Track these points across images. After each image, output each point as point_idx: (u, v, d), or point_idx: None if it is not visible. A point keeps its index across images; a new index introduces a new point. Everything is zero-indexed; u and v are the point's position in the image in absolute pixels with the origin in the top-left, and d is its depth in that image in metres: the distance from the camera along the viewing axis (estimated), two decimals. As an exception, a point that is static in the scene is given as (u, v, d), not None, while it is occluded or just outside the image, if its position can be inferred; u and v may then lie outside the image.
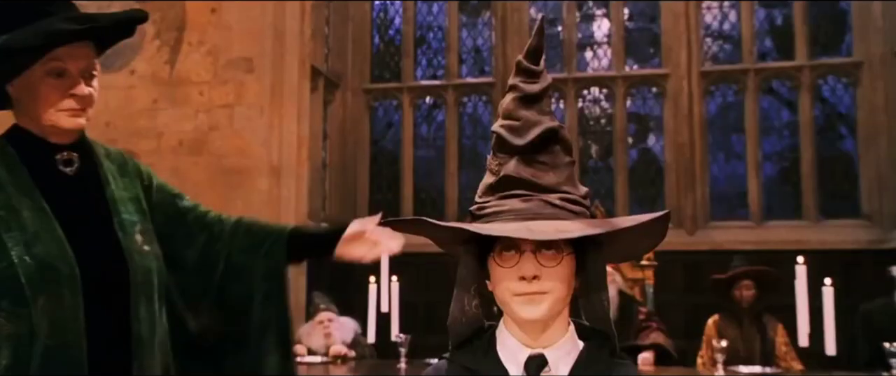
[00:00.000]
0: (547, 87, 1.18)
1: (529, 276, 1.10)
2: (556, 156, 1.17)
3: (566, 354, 1.16)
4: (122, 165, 1.71)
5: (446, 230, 1.16)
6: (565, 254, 1.13)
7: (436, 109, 7.95)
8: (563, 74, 7.60)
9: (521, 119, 1.17)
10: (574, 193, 1.16)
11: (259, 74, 6.12)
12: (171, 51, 6.22)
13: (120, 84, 6.26)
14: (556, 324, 1.16)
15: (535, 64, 1.17)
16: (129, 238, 1.58)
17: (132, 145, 6.13)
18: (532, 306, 1.11)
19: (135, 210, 1.65)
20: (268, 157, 6.07)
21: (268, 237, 1.81)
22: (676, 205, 7.18)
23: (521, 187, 1.13)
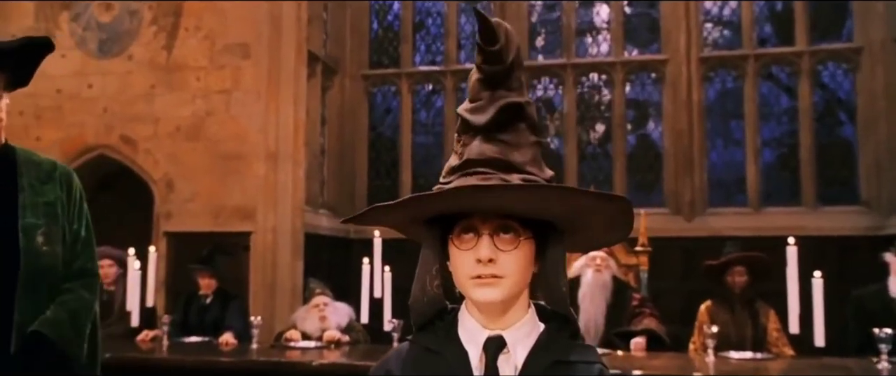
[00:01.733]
0: (510, 65, 1.15)
1: (485, 259, 1.09)
2: (521, 135, 1.15)
3: (525, 336, 1.16)
4: (49, 173, 1.97)
5: (398, 208, 1.15)
6: (523, 239, 1.12)
7: (434, 95, 7.93)
8: (561, 60, 7.58)
9: (483, 98, 1.16)
10: (538, 175, 1.14)
11: (256, 60, 6.13)
12: (168, 36, 6.23)
13: (117, 69, 6.28)
14: (515, 307, 1.16)
15: (491, 44, 1.14)
16: (30, 240, 1.85)
17: (129, 130, 6.17)
18: (488, 289, 1.11)
19: (44, 214, 1.89)
20: (264, 143, 6.09)
21: None
22: (674, 191, 7.17)
23: (482, 166, 1.12)
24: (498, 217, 1.11)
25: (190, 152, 6.14)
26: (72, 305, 1.92)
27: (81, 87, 6.28)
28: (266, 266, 5.99)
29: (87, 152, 6.26)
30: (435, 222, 1.18)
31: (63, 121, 6.25)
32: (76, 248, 1.99)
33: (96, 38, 6.34)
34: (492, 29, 1.14)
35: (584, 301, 4.50)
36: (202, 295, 4.78)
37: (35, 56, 1.92)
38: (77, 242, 1.99)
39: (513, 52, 1.15)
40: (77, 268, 1.99)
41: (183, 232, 6.04)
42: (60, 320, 1.89)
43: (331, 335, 4.29)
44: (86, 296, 1.96)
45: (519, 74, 1.17)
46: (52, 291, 1.90)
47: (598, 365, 1.17)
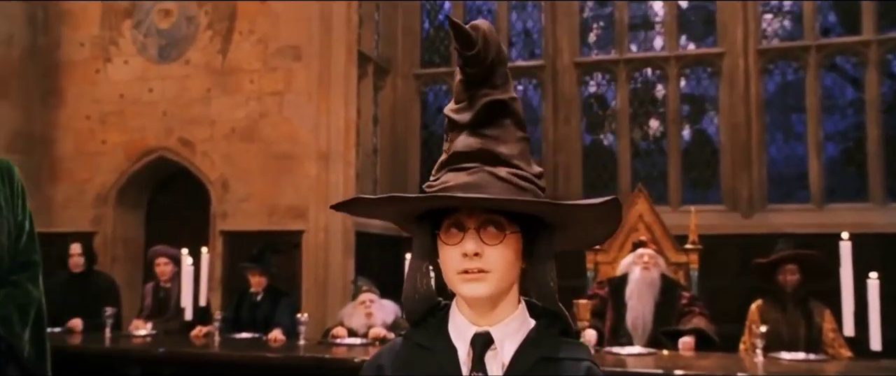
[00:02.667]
0: (491, 64, 1.15)
1: (470, 253, 1.09)
2: (507, 130, 1.15)
3: (514, 332, 1.15)
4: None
5: (381, 203, 1.17)
6: (508, 233, 1.12)
7: (486, 93, 7.91)
8: (613, 56, 7.48)
9: (467, 98, 1.16)
10: (526, 170, 1.14)
11: (307, 62, 6.24)
12: (223, 40, 6.41)
13: (176, 74, 6.49)
14: (504, 303, 1.16)
15: (469, 49, 1.14)
16: None
17: (187, 133, 6.37)
18: (474, 284, 1.11)
19: None
20: (316, 143, 6.20)
21: None
22: (732, 187, 6.99)
23: (469, 160, 1.13)
24: (483, 212, 1.12)
25: (244, 153, 6.30)
26: (20, 300, 1.99)
27: (142, 91, 6.52)
28: (317, 264, 6.10)
29: (148, 154, 6.50)
30: (425, 219, 1.19)
31: (126, 125, 6.50)
32: (22, 240, 2.03)
33: (156, 44, 6.57)
34: (466, 34, 1.14)
35: (632, 299, 4.44)
36: (253, 292, 4.90)
37: None
38: (22, 234, 2.04)
39: (492, 52, 1.15)
40: (23, 260, 2.03)
41: (238, 231, 6.20)
42: (8, 315, 1.96)
43: (376, 332, 4.34)
44: (31, 290, 2.02)
45: (502, 71, 1.17)
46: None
47: (586, 363, 1.16)
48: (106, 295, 4.93)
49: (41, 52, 6.75)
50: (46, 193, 6.63)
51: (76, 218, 6.52)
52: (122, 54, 6.60)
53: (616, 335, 4.43)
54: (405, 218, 1.21)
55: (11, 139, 6.52)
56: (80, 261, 5.06)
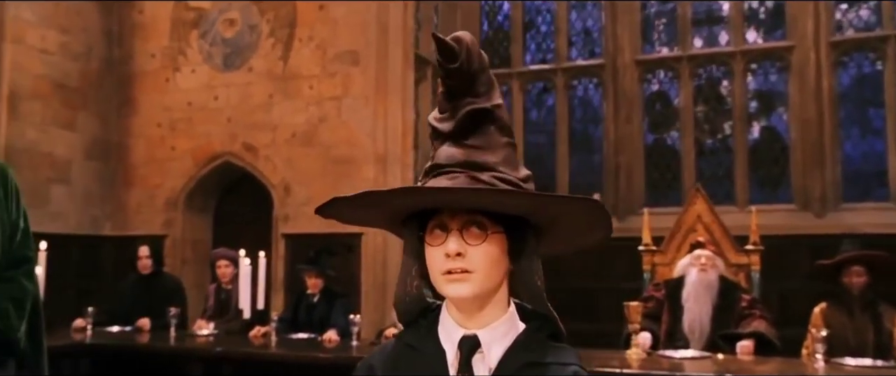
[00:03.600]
0: (473, 75, 1.16)
1: (452, 253, 1.09)
2: (491, 137, 1.15)
3: (502, 336, 1.15)
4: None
5: (357, 201, 1.17)
6: (490, 233, 1.11)
7: (546, 94, 7.87)
8: (676, 53, 7.30)
9: (450, 108, 1.17)
10: (510, 174, 1.14)
11: (364, 66, 6.33)
12: (284, 47, 6.56)
13: (239, 81, 6.69)
14: (491, 305, 1.15)
15: (451, 62, 1.14)
16: None
17: (251, 138, 6.56)
18: (458, 284, 1.10)
19: None
20: (373, 147, 6.27)
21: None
22: (803, 186, 6.72)
23: (452, 168, 1.13)
24: (466, 213, 1.12)
25: (304, 157, 6.44)
26: (15, 294, 2.07)
27: (208, 99, 6.75)
28: (376, 266, 6.18)
29: (214, 159, 6.71)
30: (413, 222, 1.19)
31: (193, 132, 6.74)
32: (16, 237, 2.11)
33: (221, 53, 6.79)
34: (449, 49, 1.14)
35: (688, 301, 4.33)
36: (310, 294, 5.00)
37: None
38: (16, 231, 2.12)
39: (475, 63, 1.16)
40: (17, 256, 2.12)
41: (299, 234, 6.34)
42: (5, 309, 2.04)
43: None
44: (26, 285, 2.11)
45: (485, 79, 1.17)
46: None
47: (574, 368, 1.14)
48: (172, 296, 5.12)
49: (116, 63, 7.07)
50: (121, 198, 6.94)
51: (148, 221, 6.79)
52: (189, 63, 6.85)
53: (672, 338, 4.32)
54: (391, 220, 1.22)
55: (90, 146, 6.85)
56: (148, 263, 5.27)
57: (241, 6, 6.77)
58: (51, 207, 6.40)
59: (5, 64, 6.16)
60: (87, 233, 6.73)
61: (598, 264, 6.78)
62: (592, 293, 6.66)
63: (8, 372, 2.05)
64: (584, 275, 6.89)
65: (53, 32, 6.55)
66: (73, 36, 6.70)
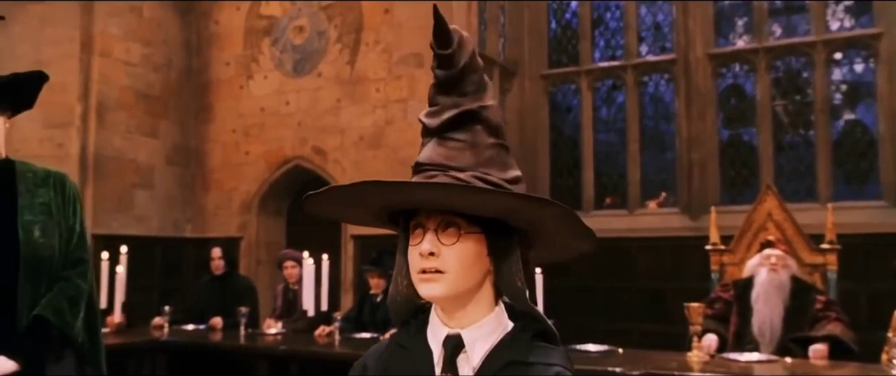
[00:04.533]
0: (462, 70, 1.16)
1: (425, 253, 1.10)
2: (476, 136, 1.15)
3: (487, 335, 1.14)
4: (44, 179, 2.27)
5: (324, 197, 1.18)
6: (463, 233, 1.11)
7: (615, 91, 7.72)
8: (752, 44, 7.03)
9: (439, 104, 1.17)
10: (494, 175, 1.13)
11: (429, 68, 6.35)
12: (351, 52, 6.69)
13: (309, 86, 6.86)
14: (474, 304, 1.15)
15: (443, 47, 1.15)
16: (28, 233, 2.15)
17: (320, 142, 6.71)
18: (431, 284, 1.11)
19: (40, 212, 2.19)
20: (439, 148, 6.30)
21: None
22: (892, 181, 6.34)
23: (433, 167, 1.14)
24: (441, 213, 1.12)
25: (372, 160, 6.55)
26: (69, 292, 2.20)
27: (280, 104, 6.95)
28: (443, 266, 6.20)
29: (285, 163, 6.91)
30: (400, 221, 1.20)
31: (266, 136, 6.96)
32: (72, 241, 2.26)
33: (291, 59, 6.98)
34: (446, 31, 1.15)
35: (758, 302, 4.17)
36: (373, 294, 5.07)
37: (31, 86, 2.28)
38: (73, 235, 2.26)
39: (465, 57, 1.16)
40: (73, 258, 2.25)
41: (367, 235, 6.44)
42: (60, 306, 2.16)
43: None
44: (80, 283, 2.23)
45: (474, 79, 1.18)
46: (50, 278, 2.18)
47: (557, 368, 1.13)
48: (242, 296, 5.30)
49: (194, 73, 7.37)
50: (200, 202, 7.23)
51: (225, 224, 7.06)
52: (261, 70, 7.08)
53: (740, 340, 4.17)
54: (376, 218, 1.23)
55: (171, 153, 7.18)
56: (221, 264, 5.47)
57: (309, 13, 6.95)
58: (135, 211, 6.73)
59: (94, 76, 6.53)
60: (169, 236, 7.05)
61: (672, 264, 6.62)
62: (664, 294, 6.49)
63: (68, 363, 2.18)
64: (656, 276, 6.73)
65: (137, 45, 6.89)
66: (154, 48, 7.04)
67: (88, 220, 6.26)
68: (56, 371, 2.14)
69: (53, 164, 6.44)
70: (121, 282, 4.87)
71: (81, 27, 6.48)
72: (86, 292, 2.22)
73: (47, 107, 6.42)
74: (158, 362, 4.85)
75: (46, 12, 6.51)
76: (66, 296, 2.16)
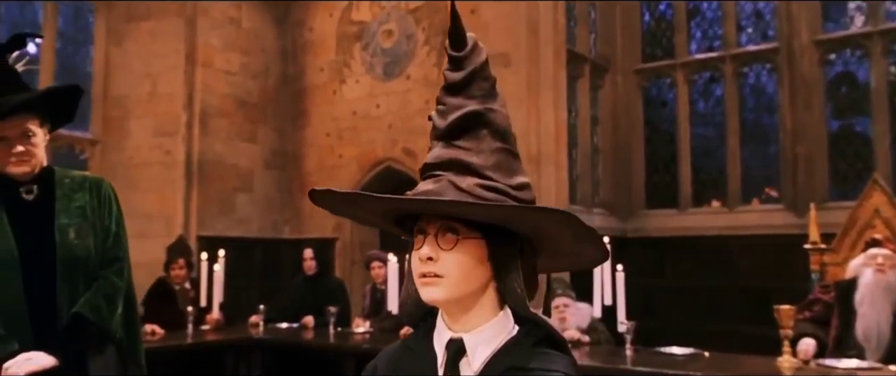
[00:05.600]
0: (472, 72, 1.16)
1: (424, 257, 1.10)
2: (483, 141, 1.14)
3: (489, 340, 1.13)
4: (80, 184, 2.39)
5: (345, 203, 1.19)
6: (462, 238, 1.10)
7: (713, 83, 7.41)
8: (865, 28, 6.58)
9: (447, 105, 1.17)
10: (499, 181, 1.12)
11: (515, 68, 6.34)
12: (438, 54, 6.74)
13: (398, 89, 6.97)
14: (477, 309, 1.14)
15: (458, 49, 1.15)
16: (64, 235, 2.27)
17: (410, 143, 6.81)
18: (429, 288, 1.11)
19: (76, 215, 2.31)
20: (526, 148, 6.25)
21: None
22: None
23: (439, 169, 1.14)
24: (441, 218, 1.12)
25: (460, 160, 6.56)
26: (106, 290, 2.31)
27: (371, 107, 7.09)
28: (531, 266, 6.15)
29: (377, 165, 7.05)
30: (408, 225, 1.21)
31: (358, 139, 7.12)
32: (108, 241, 2.37)
33: (381, 63, 7.11)
34: (461, 32, 1.16)
35: (862, 305, 3.89)
36: (458, 293, 5.08)
37: (68, 99, 2.37)
38: (108, 236, 2.37)
39: (476, 62, 1.17)
40: (110, 257, 2.36)
41: (456, 234, 6.47)
42: (98, 303, 2.27)
43: (571, 335, 4.28)
44: (116, 281, 2.34)
45: (482, 85, 1.17)
46: (87, 277, 2.30)
47: (557, 375, 1.10)
48: (333, 296, 5.45)
49: (290, 79, 7.64)
50: (297, 204, 7.49)
51: (321, 226, 7.27)
52: (353, 75, 7.25)
53: (842, 346, 3.90)
54: (383, 220, 1.24)
55: (270, 157, 7.47)
56: (313, 265, 5.64)
57: (397, 16, 7.05)
58: (236, 214, 7.05)
59: (197, 86, 6.89)
60: (267, 237, 7.33)
61: (775, 264, 6.30)
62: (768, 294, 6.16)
63: (109, 359, 2.32)
64: (759, 276, 6.42)
65: (236, 55, 7.21)
66: (252, 57, 7.35)
67: (193, 223, 6.62)
68: (97, 366, 2.27)
69: (161, 170, 6.85)
70: (218, 282, 5.11)
71: (185, 40, 6.85)
72: (122, 289, 2.35)
73: (156, 116, 6.84)
74: (253, 358, 5.05)
75: (156, 28, 6.93)
76: (103, 294, 2.29)
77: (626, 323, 3.98)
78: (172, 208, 6.61)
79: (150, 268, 5.66)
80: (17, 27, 6.72)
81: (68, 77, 6.88)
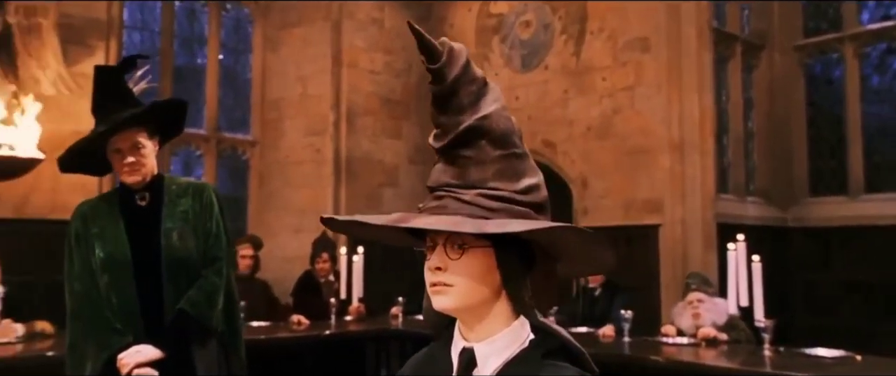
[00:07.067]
0: (456, 78, 1.13)
1: (432, 267, 1.12)
2: (482, 151, 1.13)
3: (502, 349, 1.12)
4: (185, 190, 2.58)
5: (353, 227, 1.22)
6: (469, 248, 1.10)
7: (890, 55, 6.70)
8: None
9: (440, 125, 1.16)
10: (502, 188, 1.11)
11: (655, 53, 6.09)
12: (576, 42, 6.62)
13: (536, 80, 6.92)
14: (491, 318, 1.13)
15: (433, 62, 1.13)
16: (168, 238, 2.48)
17: (549, 134, 6.75)
18: (439, 297, 1.12)
19: (180, 219, 2.51)
20: (668, 135, 6.01)
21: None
22: None
23: (441, 188, 1.14)
24: None
25: (600, 150, 6.41)
26: (206, 288, 2.47)
27: (510, 99, 7.08)
28: (675, 259, 5.89)
29: (518, 158, 7.03)
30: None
31: (498, 132, 7.13)
32: (209, 242, 2.53)
33: (519, 55, 7.09)
34: (427, 45, 1.14)
35: None
36: (592, 287, 4.98)
37: (173, 112, 2.56)
38: (209, 237, 2.53)
39: (456, 70, 1.14)
40: (210, 257, 2.53)
41: (597, 227, 6.33)
42: (199, 300, 2.44)
43: (705, 332, 4.08)
44: (215, 280, 2.50)
45: (469, 90, 1.14)
46: (190, 277, 2.48)
47: (563, 388, 1.07)
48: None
49: (433, 75, 7.79)
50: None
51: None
52: (492, 68, 7.27)
53: None
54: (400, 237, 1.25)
55: (414, 152, 7.68)
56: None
57: (535, 7, 6.99)
58: (383, 208, 7.31)
59: (343, 86, 7.22)
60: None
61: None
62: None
63: (211, 351, 2.51)
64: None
65: (379, 54, 7.48)
66: (395, 55, 7.58)
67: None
68: (201, 358, 2.47)
69: (312, 168, 7.25)
70: (358, 275, 5.35)
71: (332, 43, 7.19)
72: (221, 287, 2.52)
73: (307, 117, 7.25)
74: (391, 349, 5.25)
75: (306, 34, 7.33)
76: (204, 292, 2.48)
77: (764, 321, 3.71)
78: (323, 203, 6.98)
79: (304, 261, 6.04)
80: (187, 41, 7.41)
81: (230, 84, 7.47)
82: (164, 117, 2.53)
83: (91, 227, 2.46)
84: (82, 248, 2.45)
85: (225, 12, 7.42)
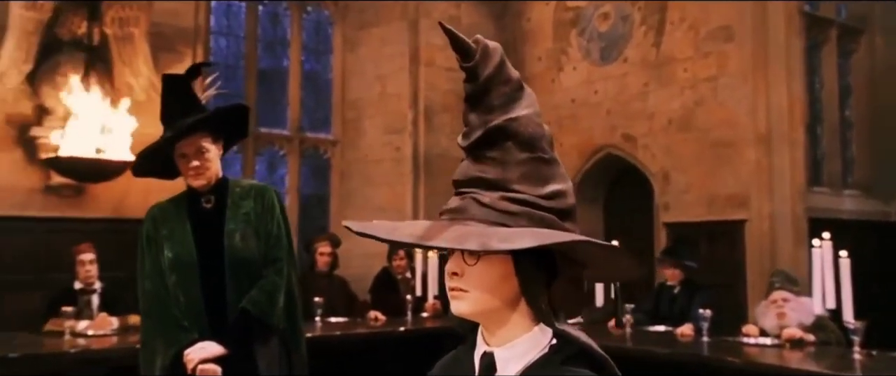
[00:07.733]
0: (488, 81, 1.12)
1: (449, 272, 1.12)
2: (508, 153, 1.11)
3: (521, 355, 1.11)
4: (247, 192, 2.67)
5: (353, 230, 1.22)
6: (483, 254, 1.09)
7: None
8: None
9: (469, 123, 1.16)
10: (526, 192, 1.09)
11: (739, 42, 5.85)
12: (656, 33, 6.44)
13: (615, 73, 6.78)
14: (512, 324, 1.12)
15: (467, 60, 1.12)
16: (231, 239, 2.57)
17: (629, 128, 6.61)
18: (456, 302, 1.12)
19: (242, 221, 2.60)
20: (754, 127, 5.77)
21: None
22: None
23: (464, 187, 1.14)
24: None
25: (682, 143, 6.22)
26: (267, 287, 2.54)
27: (589, 93, 6.97)
28: (763, 255, 5.65)
29: (596, 152, 6.91)
30: None
31: (577, 127, 7.03)
32: (270, 243, 2.60)
33: (598, 48, 6.95)
34: (461, 43, 1.14)
35: None
36: (670, 285, 4.84)
37: (235, 116, 2.62)
38: (270, 238, 2.60)
39: (489, 69, 1.13)
40: (272, 257, 2.58)
41: (679, 222, 6.15)
42: (260, 299, 2.51)
43: (790, 333, 3.89)
44: (276, 279, 2.56)
45: (502, 91, 1.13)
46: (252, 276, 2.55)
47: (577, 395, 1.05)
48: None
49: (511, 70, 7.75)
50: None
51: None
52: (570, 62, 7.17)
53: None
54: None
55: (493, 149, 7.66)
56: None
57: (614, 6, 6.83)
58: (460, 205, 7.34)
59: (421, 84, 7.28)
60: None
61: None
62: None
63: (273, 347, 2.58)
64: None
65: (457, 51, 7.49)
66: (472, 52, 7.57)
67: (422, 215, 7.02)
68: (263, 355, 2.54)
69: (391, 166, 7.36)
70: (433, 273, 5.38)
71: (409, 42, 7.26)
72: (281, 286, 2.58)
73: (387, 115, 7.35)
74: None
75: (385, 34, 7.43)
76: (265, 291, 2.54)
77: (853, 323, 3.50)
78: (402, 201, 7.06)
79: (383, 258, 6.13)
80: (270, 44, 7.63)
81: (311, 85, 7.65)
82: (228, 121, 2.61)
83: (161, 229, 2.57)
84: (153, 249, 2.56)
85: (306, 14, 7.61)
